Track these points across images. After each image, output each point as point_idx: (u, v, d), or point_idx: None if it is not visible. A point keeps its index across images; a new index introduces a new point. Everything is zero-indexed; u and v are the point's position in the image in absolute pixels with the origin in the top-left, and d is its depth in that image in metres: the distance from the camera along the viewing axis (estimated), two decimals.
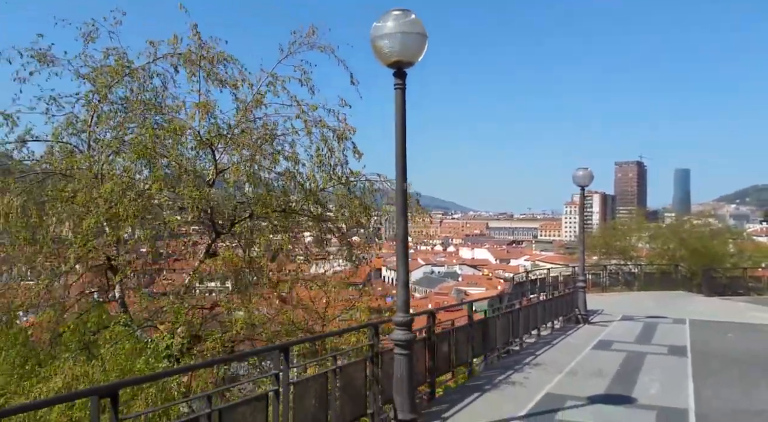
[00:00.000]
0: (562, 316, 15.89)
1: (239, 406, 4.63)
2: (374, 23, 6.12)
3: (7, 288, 9.01)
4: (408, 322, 6.23)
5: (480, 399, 8.12)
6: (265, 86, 8.82)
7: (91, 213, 7.66)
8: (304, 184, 8.93)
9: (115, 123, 8.81)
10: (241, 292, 8.83)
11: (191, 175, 8.26)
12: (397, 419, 6.18)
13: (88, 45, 8.60)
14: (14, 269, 9.27)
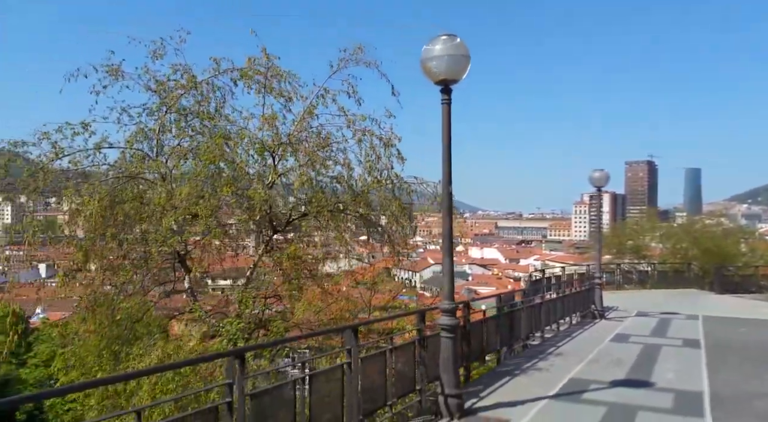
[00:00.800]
0: (579, 312, 16.62)
1: (322, 374, 5.53)
2: (424, 46, 6.97)
3: (92, 279, 9.84)
4: (453, 309, 7.08)
5: (511, 383, 8.92)
6: (317, 98, 9.72)
7: (169, 213, 8.53)
8: (353, 186, 9.80)
9: (179, 130, 9.69)
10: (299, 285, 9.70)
11: (255, 179, 9.16)
12: (445, 394, 7.02)
13: (156, 61, 9.49)
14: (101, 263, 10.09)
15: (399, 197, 9.98)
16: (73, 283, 9.29)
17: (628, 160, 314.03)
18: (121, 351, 9.28)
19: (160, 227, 8.65)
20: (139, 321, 9.61)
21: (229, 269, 12.04)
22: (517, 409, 7.38)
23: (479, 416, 7.13)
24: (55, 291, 25.86)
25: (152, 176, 9.51)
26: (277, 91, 9.59)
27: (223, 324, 8.75)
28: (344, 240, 10.17)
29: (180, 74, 9.55)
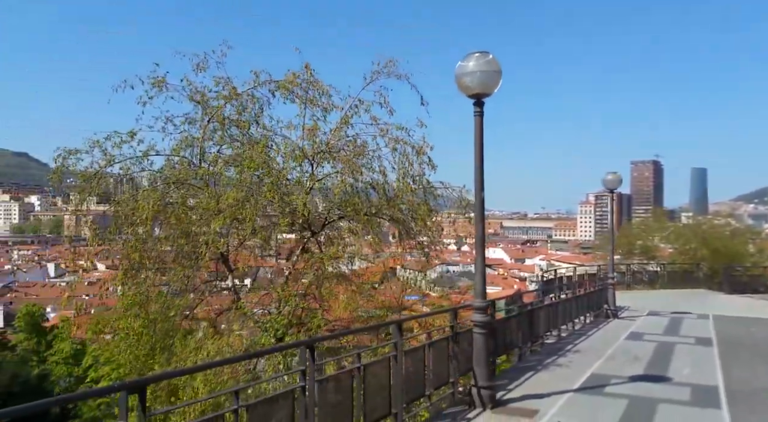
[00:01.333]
0: (593, 311, 17.09)
1: (374, 364, 6.10)
2: (459, 63, 7.49)
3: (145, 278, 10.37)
4: (485, 307, 7.62)
5: (534, 377, 9.43)
6: (351, 109, 10.26)
7: (217, 217, 9.09)
8: (387, 192, 10.34)
9: (220, 139, 10.26)
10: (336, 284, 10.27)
11: (295, 184, 9.73)
12: (478, 386, 7.55)
13: (199, 73, 10.04)
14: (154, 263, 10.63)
15: (428, 201, 10.55)
16: (131, 281, 9.80)
17: (633, 160, 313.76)
18: (175, 344, 9.84)
19: (207, 229, 9.21)
20: (187, 317, 10.21)
21: (263, 269, 12.60)
22: (544, 401, 7.89)
23: (510, 406, 7.64)
24: (61, 291, 26.42)
25: (196, 182, 10.07)
26: (317, 103, 10.14)
27: (268, 320, 9.32)
28: (379, 242, 10.72)
29: (222, 86, 10.12)
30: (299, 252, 10.51)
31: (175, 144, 10.05)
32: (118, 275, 9.81)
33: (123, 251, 10.05)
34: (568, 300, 15.06)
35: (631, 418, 7.25)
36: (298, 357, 5.02)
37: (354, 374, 5.75)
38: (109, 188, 10.44)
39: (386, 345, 6.80)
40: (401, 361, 6.52)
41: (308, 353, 4.94)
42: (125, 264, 9.71)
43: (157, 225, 9.89)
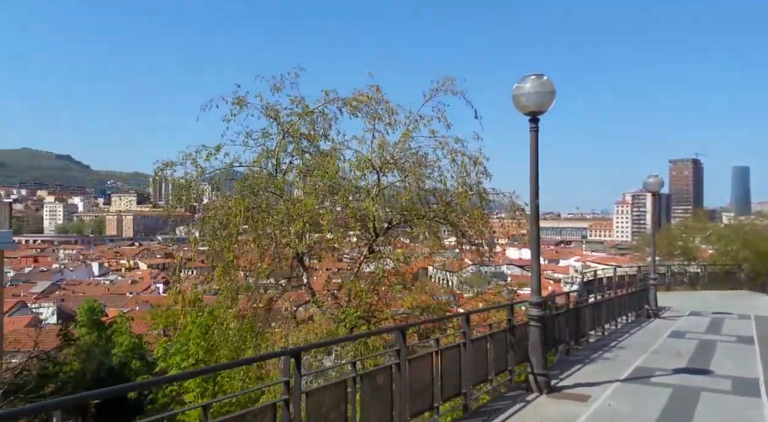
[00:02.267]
0: (635, 311, 17.67)
1: (451, 348, 7.08)
2: (516, 84, 8.37)
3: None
4: (541, 303, 8.50)
5: (583, 369, 10.22)
6: (412, 123, 11.26)
7: (296, 221, 10.19)
8: (445, 198, 11.30)
9: (293, 151, 11.39)
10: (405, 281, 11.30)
11: (364, 192, 10.79)
12: (534, 373, 8.43)
13: (275, 93, 11.18)
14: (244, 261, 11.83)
15: (482, 207, 11.46)
16: (227, 277, 10.98)
17: (672, 158, 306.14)
18: (263, 332, 11.03)
19: (287, 232, 10.33)
20: (270, 309, 11.38)
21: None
22: (594, 388, 8.70)
23: (563, 392, 8.49)
24: (108, 289, 28.34)
25: (273, 190, 11.20)
26: (383, 119, 11.16)
27: (342, 313, 10.38)
28: (439, 244, 11.68)
29: (296, 104, 11.24)
30: (366, 252, 11.55)
31: (256, 156, 11.21)
32: (217, 272, 10.94)
33: (210, 251, 11.21)
34: (611, 299, 15.70)
35: (677, 403, 8.00)
36: (393, 340, 6.02)
37: (434, 356, 6.74)
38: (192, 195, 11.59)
39: (456, 334, 7.75)
40: (469, 348, 7.46)
41: (401, 336, 5.94)
42: (221, 263, 10.84)
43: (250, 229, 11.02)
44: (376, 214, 10.70)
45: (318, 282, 12.95)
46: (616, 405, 7.85)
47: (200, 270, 29.03)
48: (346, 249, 12.54)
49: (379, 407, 5.74)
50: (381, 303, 11.43)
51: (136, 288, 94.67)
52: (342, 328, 9.91)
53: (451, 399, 7.24)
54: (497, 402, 8.00)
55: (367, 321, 10.88)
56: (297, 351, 4.85)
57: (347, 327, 10.05)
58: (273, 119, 11.35)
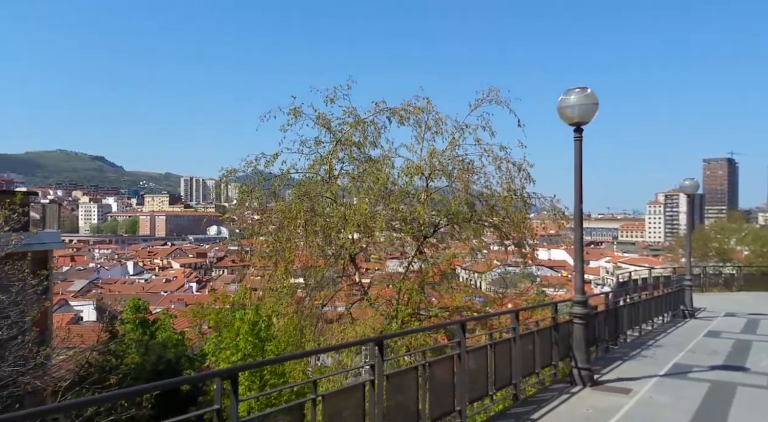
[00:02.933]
0: (670, 311, 17.98)
1: (503, 342, 7.73)
2: (561, 96, 8.97)
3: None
4: (584, 301, 9.09)
5: (623, 365, 10.74)
6: (458, 131, 11.93)
7: (350, 225, 10.96)
8: (490, 202, 11.96)
9: (344, 157, 12.16)
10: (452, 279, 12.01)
11: (413, 197, 11.53)
12: (578, 367, 9.01)
13: (329, 105, 11.98)
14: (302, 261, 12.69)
15: (525, 210, 12.08)
16: (288, 275, 11.83)
17: (706, 158, 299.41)
18: (323, 327, 11.86)
19: (341, 235, 11.13)
20: (325, 306, 12.20)
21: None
22: (634, 382, 9.24)
23: (606, 385, 9.05)
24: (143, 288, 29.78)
25: (327, 194, 12.00)
26: (431, 128, 11.85)
27: (393, 309, 11.11)
28: (483, 246, 12.32)
29: (348, 115, 12.01)
30: (414, 253, 12.26)
31: (310, 163, 12.03)
32: (279, 271, 11.77)
33: (266, 251, 12.06)
34: (647, 300, 16.08)
35: (714, 396, 8.50)
36: (455, 332, 6.71)
37: (488, 349, 7.41)
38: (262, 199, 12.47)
39: (506, 330, 8.40)
40: (518, 343, 8.10)
41: (461, 330, 6.62)
42: (283, 263, 11.67)
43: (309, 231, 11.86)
44: (425, 218, 11.39)
45: (369, 281, 13.72)
46: (656, 397, 8.39)
47: (233, 269, 28.76)
48: (396, 251, 13.25)
49: (444, 391, 6.45)
50: (428, 301, 12.12)
51: (170, 286, 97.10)
52: (394, 324, 10.61)
53: (503, 389, 7.90)
54: (544, 394, 8.61)
55: (417, 318, 11.58)
56: (380, 339, 5.56)
57: (399, 322, 10.77)
58: (325, 128, 12.14)
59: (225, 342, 20.98)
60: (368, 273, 14.95)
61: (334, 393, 5.02)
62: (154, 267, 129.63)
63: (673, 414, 7.60)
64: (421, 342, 10.41)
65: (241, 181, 12.67)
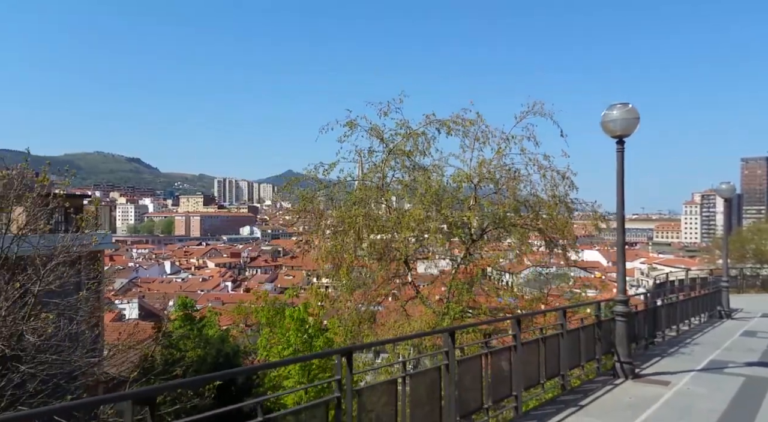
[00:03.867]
0: (707, 312, 18.43)
1: (552, 337, 8.58)
2: (604, 111, 9.74)
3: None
4: (626, 301, 9.86)
5: (661, 361, 11.44)
6: (504, 142, 12.81)
7: (405, 229, 11.95)
8: (535, 208, 12.81)
9: (396, 165, 13.16)
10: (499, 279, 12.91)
11: (463, 203, 12.47)
12: (621, 361, 9.79)
13: (383, 117, 13.00)
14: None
15: (568, 215, 12.88)
16: (350, 274, 12.90)
17: (744, 157, 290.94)
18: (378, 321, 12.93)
19: (397, 237, 12.13)
20: (380, 304, 13.25)
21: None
22: (673, 376, 9.96)
23: (646, 378, 9.81)
24: (180, 287, 31.18)
25: (382, 200, 13.02)
26: (479, 138, 12.78)
27: (446, 306, 12.06)
28: (528, 248, 13.17)
29: (400, 127, 13.00)
30: (463, 255, 13.17)
31: (366, 171, 13.05)
32: (342, 271, 12.82)
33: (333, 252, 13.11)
34: (685, 301, 16.62)
35: (749, 389, 9.18)
36: (510, 327, 7.61)
37: (539, 343, 8.28)
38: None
39: (554, 325, 9.27)
40: (566, 338, 8.94)
41: (517, 325, 7.52)
42: (346, 263, 12.72)
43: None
44: (474, 223, 12.29)
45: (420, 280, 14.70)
46: (693, 389, 9.13)
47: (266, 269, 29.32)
48: (446, 253, 14.16)
49: (502, 377, 7.37)
50: (475, 300, 13.02)
51: (207, 285, 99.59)
52: (447, 319, 11.53)
53: (552, 379, 8.74)
54: (589, 385, 9.43)
55: (466, 315, 12.49)
56: (452, 329, 6.50)
57: (451, 319, 11.67)
58: (378, 139, 13.14)
59: (276, 338, 22.32)
60: (420, 274, 15.88)
61: (416, 374, 5.99)
62: (190, 266, 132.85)
63: (709, 404, 8.33)
64: (472, 337, 11.27)
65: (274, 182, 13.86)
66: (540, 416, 7.57)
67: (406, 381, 5.71)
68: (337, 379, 5.07)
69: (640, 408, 8.03)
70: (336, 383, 5.06)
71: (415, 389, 5.84)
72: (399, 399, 5.66)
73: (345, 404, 5.02)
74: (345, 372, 5.04)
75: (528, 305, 13.51)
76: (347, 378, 5.05)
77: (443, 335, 6.43)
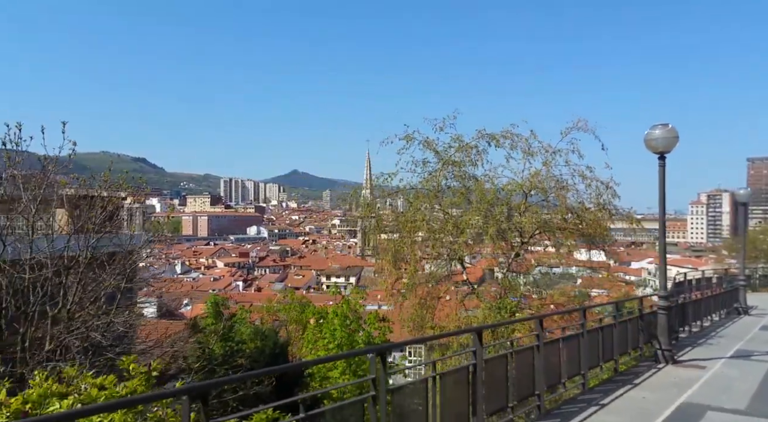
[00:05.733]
0: (726, 308, 19.87)
1: (606, 327, 10.04)
2: (647, 131, 11.17)
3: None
4: (667, 296, 11.31)
5: (693, 350, 12.90)
6: (551, 155, 14.32)
7: (465, 232, 13.47)
8: (581, 214, 14.32)
9: (450, 175, 14.66)
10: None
11: (515, 209, 14.00)
12: (662, 349, 11.25)
13: (437, 132, 14.52)
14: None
15: (609, 219, 14.41)
16: (415, 273, 14.43)
17: (750, 157, 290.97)
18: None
19: (455, 240, 13.66)
20: (440, 298, 14.79)
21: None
22: (707, 362, 11.42)
23: (684, 363, 11.27)
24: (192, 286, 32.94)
25: (438, 207, 14.54)
26: (527, 151, 14.30)
27: (500, 302, 13.53)
28: (575, 247, 14.68)
29: (454, 140, 14.52)
30: (513, 256, 14.69)
31: (423, 180, 14.57)
32: (410, 269, 14.33)
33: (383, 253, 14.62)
34: (707, 298, 18.03)
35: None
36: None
37: (599, 331, 9.75)
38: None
39: (607, 316, 10.76)
40: (617, 328, 10.41)
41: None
42: (412, 263, 14.24)
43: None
44: (527, 228, 13.80)
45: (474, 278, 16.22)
46: (727, 372, 10.59)
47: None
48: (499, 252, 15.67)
49: (575, 358, 8.83)
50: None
51: (218, 285, 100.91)
52: (504, 313, 13.01)
53: (608, 362, 10.17)
54: (635, 368, 10.91)
55: (519, 309, 14.00)
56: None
57: (508, 312, 13.15)
58: (433, 151, 14.66)
59: (323, 333, 23.80)
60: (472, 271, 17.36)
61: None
62: (200, 266, 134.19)
63: (742, 384, 9.78)
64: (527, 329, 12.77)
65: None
66: (604, 391, 9.07)
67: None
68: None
69: (684, 386, 9.49)
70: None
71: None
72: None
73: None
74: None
75: (572, 301, 15.00)
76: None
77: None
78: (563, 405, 8.37)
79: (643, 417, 7.68)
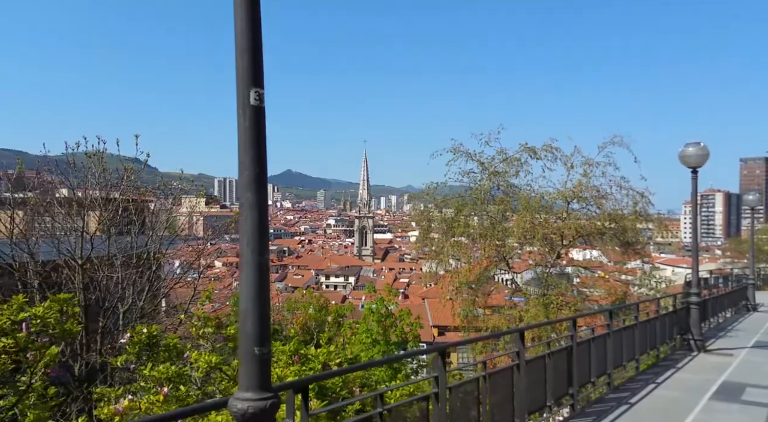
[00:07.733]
0: (735, 306, 21.51)
1: (650, 320, 11.59)
2: (681, 148, 12.75)
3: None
4: (698, 293, 12.89)
5: (717, 341, 14.50)
6: (589, 167, 15.93)
7: (512, 235, 15.03)
8: (619, 222, 15.93)
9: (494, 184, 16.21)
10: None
11: (557, 215, 15.60)
12: (694, 339, 12.84)
13: (484, 146, 16.11)
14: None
15: (638, 226, 16.05)
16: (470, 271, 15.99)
17: (743, 157, 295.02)
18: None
19: (504, 242, 15.24)
20: (489, 295, 16.36)
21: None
22: (733, 351, 13.02)
23: (714, 352, 12.86)
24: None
25: (485, 213, 16.13)
26: (566, 163, 15.91)
27: (548, 298, 15.08)
28: (608, 253, 16.28)
29: (498, 153, 16.11)
30: (554, 258, 16.27)
31: (470, 190, 16.13)
32: (466, 268, 15.89)
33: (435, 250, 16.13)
34: (721, 296, 19.66)
35: None
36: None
37: (646, 325, 11.30)
38: None
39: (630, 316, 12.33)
40: (659, 321, 11.99)
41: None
42: (466, 262, 15.79)
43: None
44: (570, 232, 15.40)
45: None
46: (753, 358, 12.19)
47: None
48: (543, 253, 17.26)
49: (630, 345, 10.38)
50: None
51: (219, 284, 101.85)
52: (551, 309, 14.59)
53: (653, 350, 11.72)
54: (672, 357, 12.47)
55: (567, 307, 15.58)
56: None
57: (556, 308, 14.72)
58: (478, 162, 16.22)
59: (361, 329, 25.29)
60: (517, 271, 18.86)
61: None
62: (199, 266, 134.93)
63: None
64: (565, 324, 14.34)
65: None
66: (654, 372, 10.64)
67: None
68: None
69: (720, 369, 11.07)
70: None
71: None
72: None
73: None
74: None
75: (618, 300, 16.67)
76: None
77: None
78: (627, 382, 9.94)
79: (697, 392, 9.25)
